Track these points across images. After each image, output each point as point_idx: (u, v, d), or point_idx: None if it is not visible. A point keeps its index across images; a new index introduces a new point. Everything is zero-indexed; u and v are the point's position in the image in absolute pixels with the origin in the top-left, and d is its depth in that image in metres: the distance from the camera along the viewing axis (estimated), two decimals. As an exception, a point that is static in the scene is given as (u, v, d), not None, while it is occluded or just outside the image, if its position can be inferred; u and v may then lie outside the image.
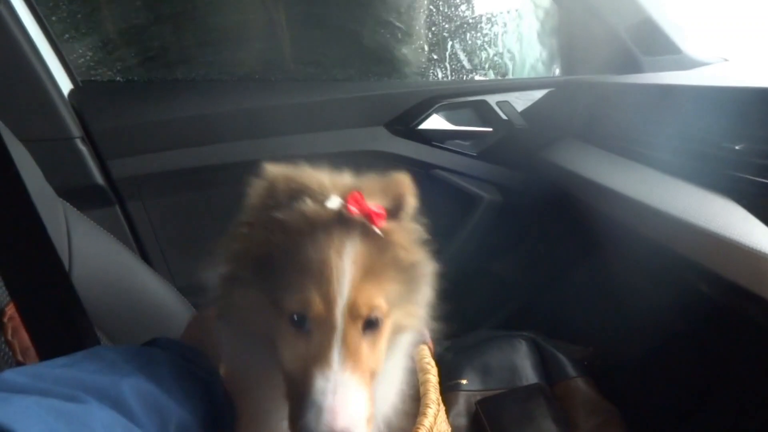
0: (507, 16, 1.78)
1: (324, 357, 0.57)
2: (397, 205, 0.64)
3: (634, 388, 1.35)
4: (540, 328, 1.47)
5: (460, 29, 1.75)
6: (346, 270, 0.58)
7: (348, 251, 0.59)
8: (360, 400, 0.56)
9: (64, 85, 1.44)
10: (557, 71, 1.72)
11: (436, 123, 1.58)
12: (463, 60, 1.76)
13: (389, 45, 1.68)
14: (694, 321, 1.11)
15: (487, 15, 1.77)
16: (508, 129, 1.54)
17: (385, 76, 1.72)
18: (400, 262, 0.63)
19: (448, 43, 1.75)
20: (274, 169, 0.64)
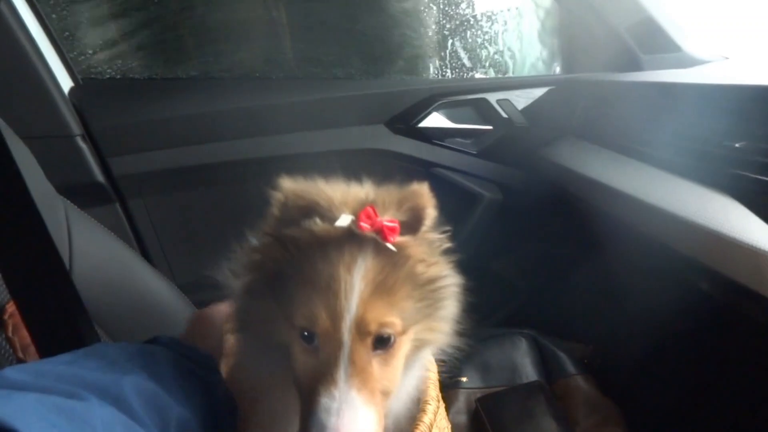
0: (507, 14, 1.78)
1: (330, 374, 0.55)
2: (416, 217, 0.62)
3: (634, 386, 1.35)
4: (540, 326, 1.48)
5: (461, 27, 1.75)
6: (355, 285, 0.57)
7: (359, 267, 0.57)
8: (366, 420, 0.54)
9: (65, 82, 1.44)
10: (557, 69, 1.71)
11: (436, 121, 1.58)
12: (464, 58, 1.76)
13: (390, 43, 1.68)
14: (693, 318, 1.11)
15: (487, 13, 1.77)
16: (509, 127, 1.54)
17: (386, 74, 1.72)
18: (417, 278, 0.61)
19: (449, 41, 1.75)
20: (287, 184, 0.63)
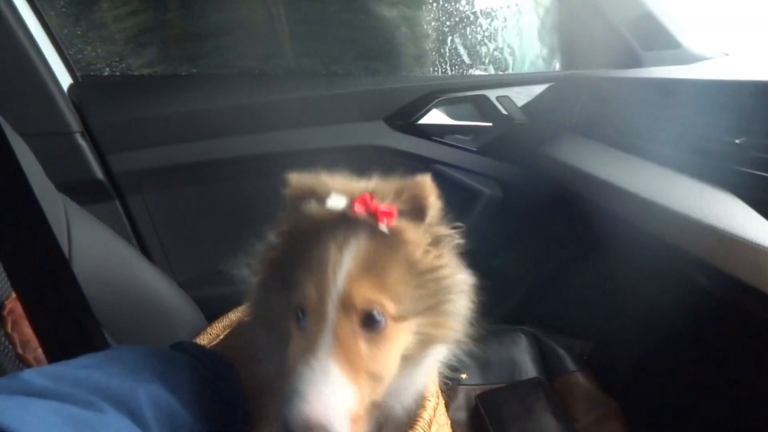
0: (507, 10, 1.78)
1: (312, 346, 0.56)
2: (417, 207, 0.63)
3: (634, 382, 1.35)
4: (540, 323, 1.48)
5: (461, 24, 1.75)
6: (344, 263, 0.58)
7: (350, 247, 0.59)
8: (343, 393, 0.54)
9: (64, 80, 1.43)
10: (557, 66, 1.71)
11: (436, 118, 1.58)
12: (463, 55, 1.76)
13: (389, 39, 1.68)
14: (693, 315, 1.11)
15: (486, 10, 1.76)
16: (508, 124, 1.54)
17: (385, 70, 1.71)
18: (414, 264, 0.61)
19: (449, 37, 1.75)
20: (293, 177, 0.65)
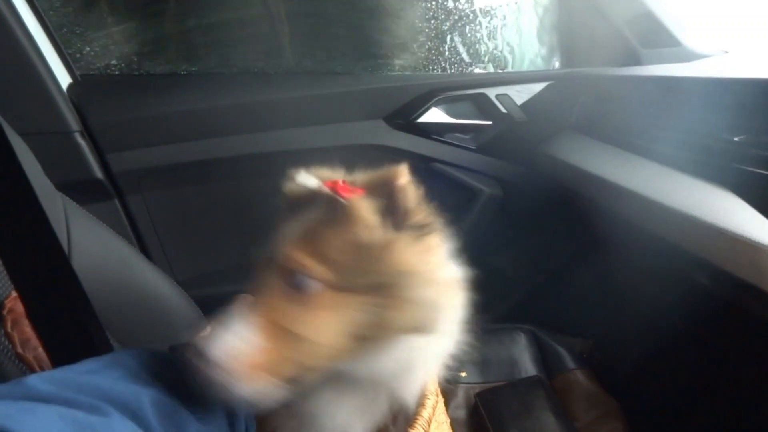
0: (506, 9, 1.77)
1: (242, 297, 0.60)
2: (386, 192, 0.62)
3: (634, 381, 1.35)
4: (539, 321, 1.48)
5: (460, 22, 1.74)
6: (294, 231, 0.61)
7: (305, 218, 0.61)
8: (243, 336, 0.55)
9: (63, 79, 1.43)
10: (557, 64, 1.71)
11: (435, 116, 1.57)
12: (463, 53, 1.75)
13: (389, 38, 1.68)
14: (693, 313, 1.11)
15: (486, 8, 1.76)
16: (508, 122, 1.54)
17: (385, 69, 1.71)
18: (363, 241, 0.59)
19: (448, 36, 1.74)
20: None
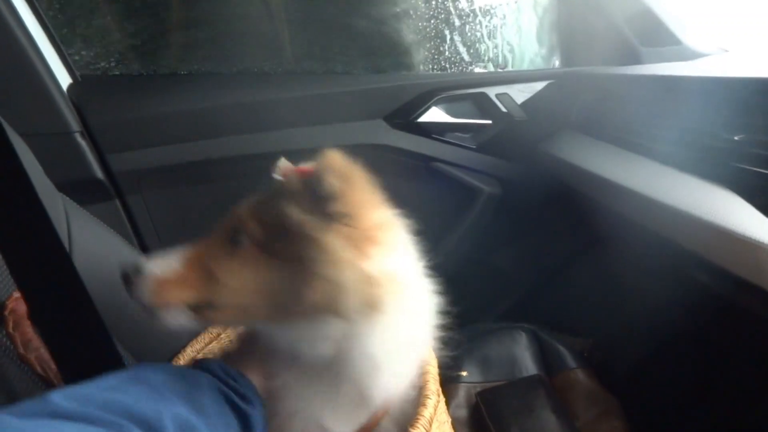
0: (506, 8, 1.77)
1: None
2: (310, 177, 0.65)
3: (634, 379, 1.36)
4: (540, 320, 1.48)
5: (460, 22, 1.74)
6: (251, 199, 0.68)
7: (260, 192, 0.69)
8: (165, 264, 0.65)
9: (63, 79, 1.43)
10: (557, 63, 1.71)
11: (435, 115, 1.58)
12: (462, 52, 1.75)
13: (388, 37, 1.68)
14: (693, 312, 1.11)
15: (486, 7, 1.76)
16: (508, 121, 1.54)
17: (385, 68, 1.71)
18: (291, 214, 0.63)
19: (448, 35, 1.74)
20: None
